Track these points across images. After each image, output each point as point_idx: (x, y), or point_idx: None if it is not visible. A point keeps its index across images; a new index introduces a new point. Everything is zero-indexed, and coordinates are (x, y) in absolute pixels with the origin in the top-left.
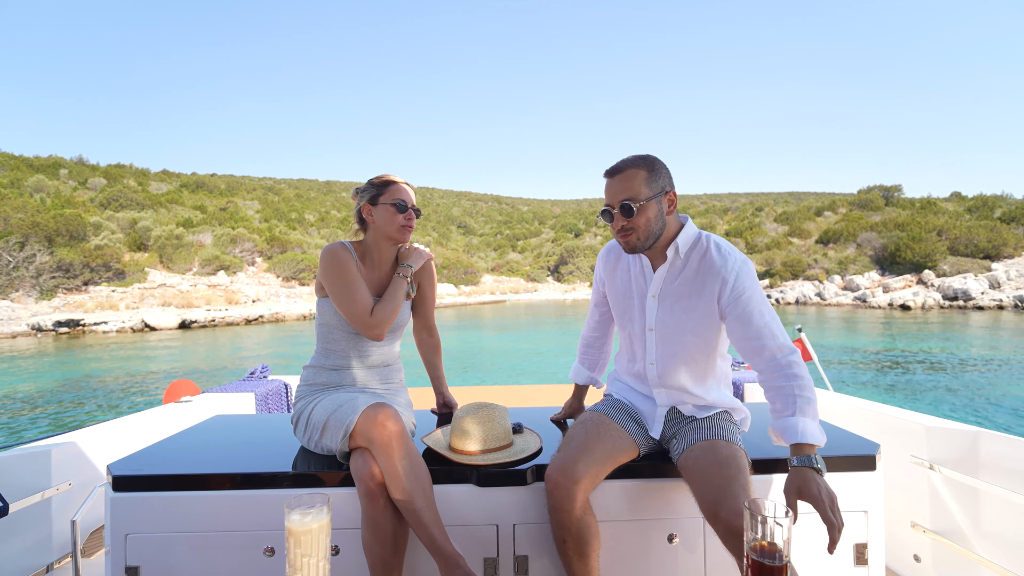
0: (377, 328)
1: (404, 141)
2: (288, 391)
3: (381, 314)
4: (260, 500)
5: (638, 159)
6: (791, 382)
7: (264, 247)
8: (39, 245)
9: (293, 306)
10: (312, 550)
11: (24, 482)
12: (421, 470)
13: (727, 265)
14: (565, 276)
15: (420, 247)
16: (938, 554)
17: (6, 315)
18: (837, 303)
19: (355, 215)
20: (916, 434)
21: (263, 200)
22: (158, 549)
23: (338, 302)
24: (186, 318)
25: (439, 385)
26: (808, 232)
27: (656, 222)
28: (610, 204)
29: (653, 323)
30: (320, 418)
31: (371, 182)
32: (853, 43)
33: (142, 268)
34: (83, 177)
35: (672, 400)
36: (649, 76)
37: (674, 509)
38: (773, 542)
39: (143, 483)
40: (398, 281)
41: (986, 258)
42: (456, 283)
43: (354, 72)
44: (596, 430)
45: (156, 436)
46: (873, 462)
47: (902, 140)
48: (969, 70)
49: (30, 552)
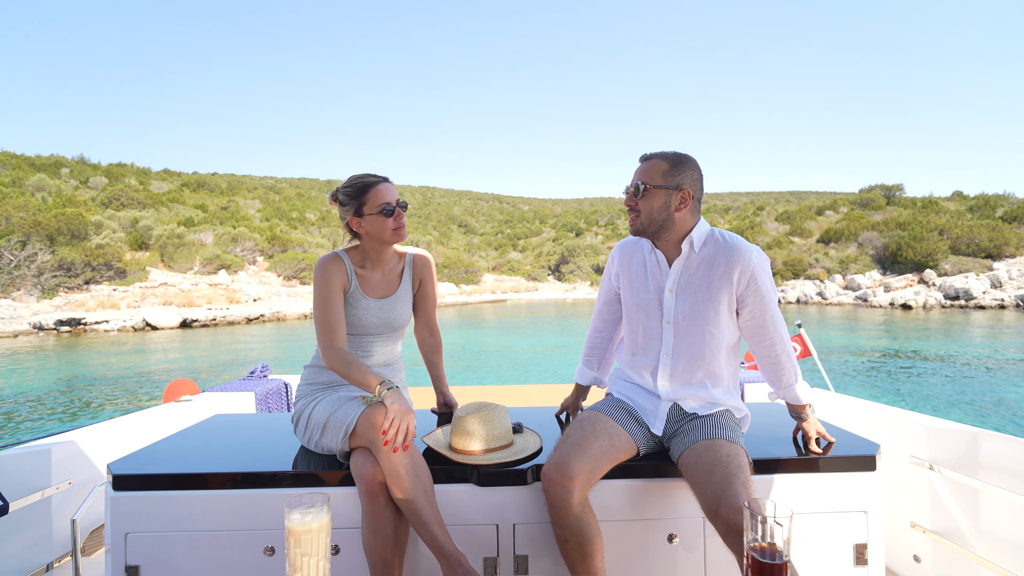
0: (329, 360)
1: (405, 140)
2: (288, 390)
3: (340, 363)
4: (260, 500)
5: (667, 153)
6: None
7: (265, 246)
8: (40, 244)
9: (294, 305)
10: (312, 550)
11: (24, 481)
12: (422, 469)
13: (742, 251)
14: (566, 275)
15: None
16: (938, 554)
17: (8, 314)
18: (838, 302)
19: (344, 227)
20: (916, 434)
21: (264, 199)
22: (158, 548)
23: (314, 317)
24: (187, 317)
25: (440, 384)
26: (809, 231)
27: (660, 212)
28: (628, 184)
29: (671, 316)
30: (320, 418)
31: (347, 192)
32: (854, 41)
33: (143, 267)
34: (84, 176)
35: (677, 395)
36: (650, 75)
37: (674, 509)
38: (773, 542)
39: (143, 482)
40: (376, 383)
41: (988, 257)
42: (457, 282)
43: (355, 71)
44: (593, 428)
45: (156, 435)
46: (873, 462)
47: (904, 139)
48: (971, 69)
49: (30, 551)
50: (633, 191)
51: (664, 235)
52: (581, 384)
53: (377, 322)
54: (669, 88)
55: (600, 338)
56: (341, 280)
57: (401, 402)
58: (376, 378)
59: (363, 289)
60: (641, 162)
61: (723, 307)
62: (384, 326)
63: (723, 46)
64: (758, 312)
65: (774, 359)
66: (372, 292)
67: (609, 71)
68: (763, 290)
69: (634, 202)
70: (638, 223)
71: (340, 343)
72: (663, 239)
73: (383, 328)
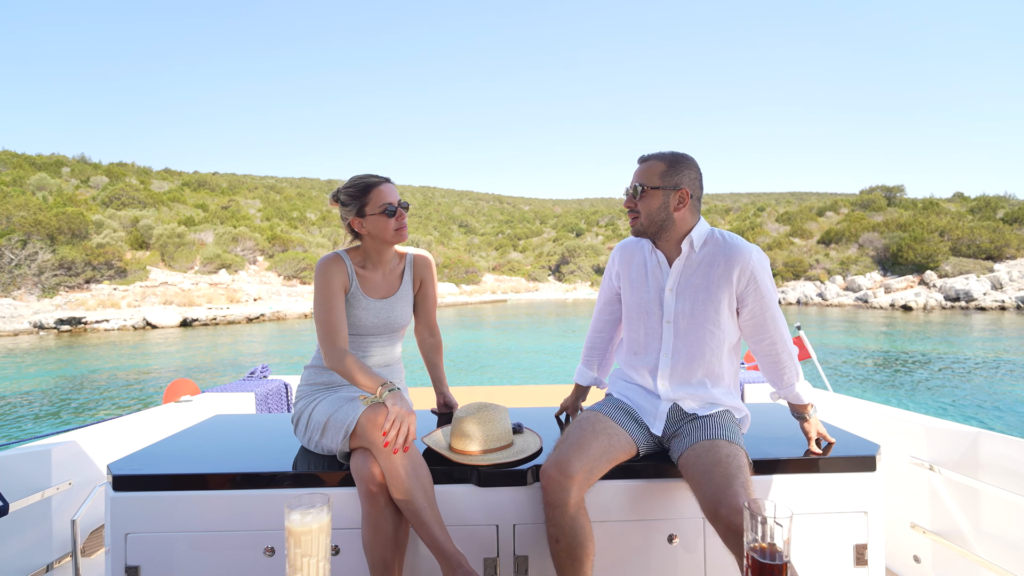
0: (331, 360)
1: (406, 140)
2: (288, 391)
3: (342, 363)
4: (260, 500)
5: (664, 154)
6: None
7: (266, 246)
8: (41, 243)
9: (294, 305)
10: (312, 550)
11: (24, 481)
12: (422, 470)
13: (742, 250)
14: (566, 276)
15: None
16: (938, 555)
17: (8, 313)
18: (839, 303)
19: (345, 227)
20: (916, 435)
21: (265, 199)
22: (158, 549)
23: (315, 317)
24: (187, 316)
25: (440, 385)
26: (810, 232)
27: (659, 212)
28: (628, 186)
29: (671, 316)
30: (320, 418)
31: (349, 193)
32: (855, 42)
33: (144, 266)
34: (85, 175)
35: (676, 395)
36: (651, 76)
37: (674, 509)
38: (773, 543)
39: (143, 483)
40: (378, 385)
41: (988, 259)
42: (457, 282)
43: (356, 71)
44: (592, 428)
45: (156, 436)
46: (873, 463)
47: (904, 140)
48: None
49: (30, 551)
50: (632, 193)
51: (664, 235)
52: (581, 384)
53: (377, 322)
54: (670, 88)
55: (600, 338)
56: (342, 280)
57: (402, 403)
58: (378, 379)
59: (364, 289)
60: (639, 163)
61: (723, 307)
62: (384, 327)
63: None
64: (758, 311)
65: (775, 358)
66: (373, 292)
67: (610, 71)
68: (763, 289)
69: (633, 203)
70: (638, 224)
71: (342, 343)
72: (663, 239)
73: (383, 329)
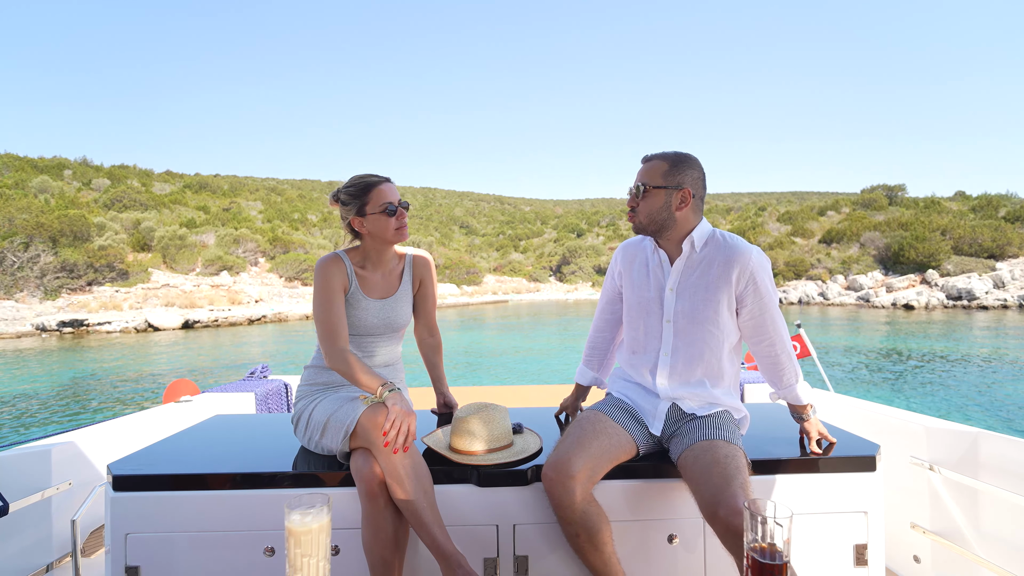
0: (331, 360)
1: (407, 141)
2: (288, 391)
3: (343, 363)
4: (260, 500)
5: (667, 154)
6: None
7: (267, 247)
8: (43, 245)
9: (296, 306)
10: (312, 550)
11: (24, 481)
12: (422, 470)
13: (741, 251)
14: (567, 276)
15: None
16: (938, 555)
17: (11, 315)
18: (840, 303)
19: (345, 227)
20: (916, 435)
21: (266, 200)
22: (158, 549)
23: (315, 318)
24: (189, 318)
25: (440, 385)
26: (811, 232)
27: (660, 211)
28: (631, 185)
29: (672, 315)
30: (320, 418)
31: (350, 192)
32: (856, 40)
33: (145, 268)
34: (87, 178)
35: (676, 394)
36: (652, 75)
37: (674, 509)
38: (773, 543)
39: (143, 483)
40: (378, 384)
41: (990, 258)
42: (458, 283)
43: (357, 72)
44: (592, 428)
45: (156, 436)
46: (873, 463)
47: (906, 139)
48: (973, 69)
49: (30, 552)
50: (635, 192)
51: (666, 234)
52: (581, 384)
53: (377, 323)
54: (670, 88)
55: (601, 338)
56: (341, 280)
57: (402, 404)
58: (378, 379)
59: (363, 289)
60: (643, 163)
61: (723, 307)
62: (384, 327)
63: (726, 46)
64: (757, 312)
65: (774, 359)
66: (372, 293)
67: (611, 72)
68: (762, 290)
69: (635, 202)
70: (638, 222)
71: (343, 343)
72: (665, 238)
73: (383, 329)
